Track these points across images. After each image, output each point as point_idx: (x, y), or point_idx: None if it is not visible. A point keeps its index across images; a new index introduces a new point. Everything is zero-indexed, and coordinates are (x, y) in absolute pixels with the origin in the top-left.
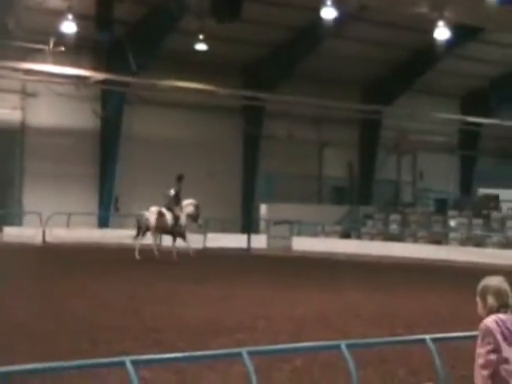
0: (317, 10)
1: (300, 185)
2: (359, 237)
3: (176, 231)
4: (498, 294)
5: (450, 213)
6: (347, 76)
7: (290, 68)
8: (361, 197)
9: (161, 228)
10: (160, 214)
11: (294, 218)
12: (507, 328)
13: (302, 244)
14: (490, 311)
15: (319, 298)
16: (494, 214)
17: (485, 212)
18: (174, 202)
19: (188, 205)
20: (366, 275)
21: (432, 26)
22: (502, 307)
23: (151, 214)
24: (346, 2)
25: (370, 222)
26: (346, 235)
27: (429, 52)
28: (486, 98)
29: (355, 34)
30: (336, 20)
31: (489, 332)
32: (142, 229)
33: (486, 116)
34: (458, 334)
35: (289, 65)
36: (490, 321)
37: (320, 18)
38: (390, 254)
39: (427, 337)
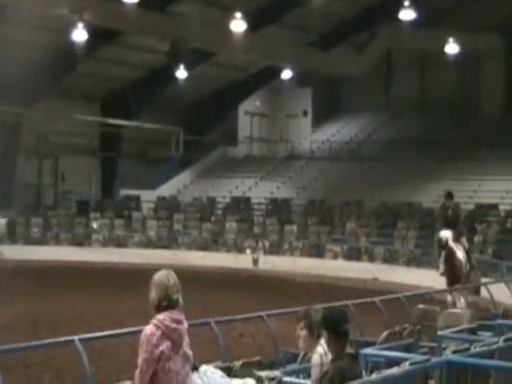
0: None
1: None
2: None
3: None
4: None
5: (93, 214)
6: None
7: None
8: (0, 201)
9: None
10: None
11: None
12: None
13: None
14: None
15: None
16: (136, 215)
17: (126, 213)
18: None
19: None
20: (4, 282)
21: (71, 28)
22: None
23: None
24: None
25: None
26: None
27: (68, 54)
28: (126, 100)
29: None
30: None
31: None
32: None
33: (127, 118)
34: (103, 334)
35: None
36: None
37: None
38: (32, 258)
39: (75, 337)
